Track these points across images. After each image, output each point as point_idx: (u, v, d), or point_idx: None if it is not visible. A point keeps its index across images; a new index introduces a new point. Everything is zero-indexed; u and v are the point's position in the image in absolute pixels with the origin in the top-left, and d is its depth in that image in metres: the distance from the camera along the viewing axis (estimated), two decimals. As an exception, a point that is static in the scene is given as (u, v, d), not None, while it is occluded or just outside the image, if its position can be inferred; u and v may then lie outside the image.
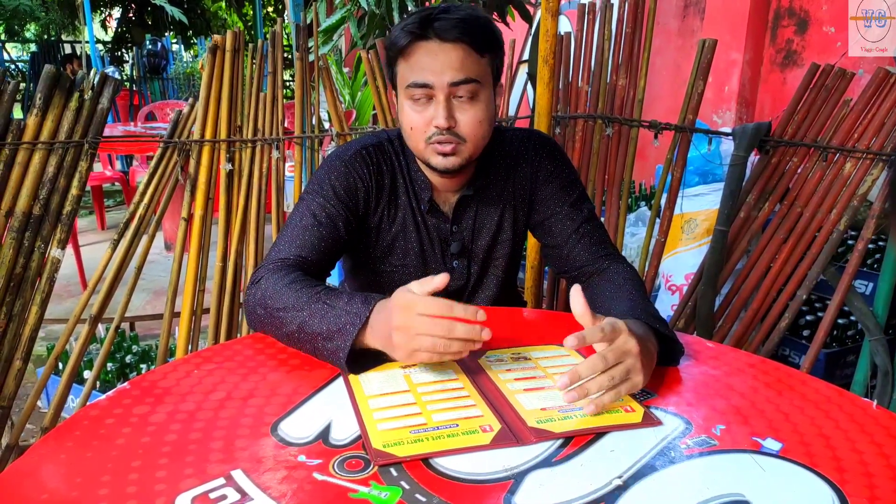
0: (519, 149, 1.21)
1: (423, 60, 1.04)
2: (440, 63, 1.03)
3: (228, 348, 0.96)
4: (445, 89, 1.03)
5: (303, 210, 1.12)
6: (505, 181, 1.20)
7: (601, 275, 1.15)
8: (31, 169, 1.52)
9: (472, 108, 1.06)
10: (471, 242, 1.23)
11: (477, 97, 1.06)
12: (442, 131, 1.05)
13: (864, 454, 0.73)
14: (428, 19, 1.03)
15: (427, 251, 1.21)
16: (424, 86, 1.04)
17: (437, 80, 1.03)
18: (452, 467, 0.68)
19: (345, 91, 4.40)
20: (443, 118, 1.04)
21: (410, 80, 1.05)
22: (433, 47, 1.03)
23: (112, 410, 0.77)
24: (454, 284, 1.24)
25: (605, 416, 0.79)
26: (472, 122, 1.06)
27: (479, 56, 1.05)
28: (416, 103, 1.06)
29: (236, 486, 0.64)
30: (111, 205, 5.66)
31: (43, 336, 1.75)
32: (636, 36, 2.01)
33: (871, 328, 1.86)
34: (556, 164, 1.21)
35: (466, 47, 1.03)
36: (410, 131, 1.09)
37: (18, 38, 10.41)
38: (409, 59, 1.05)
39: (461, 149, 1.07)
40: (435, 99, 1.05)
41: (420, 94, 1.05)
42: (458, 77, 1.03)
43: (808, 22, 3.26)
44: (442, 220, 1.20)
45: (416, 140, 1.09)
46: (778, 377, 0.92)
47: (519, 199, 1.22)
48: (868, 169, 1.79)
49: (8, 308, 1.56)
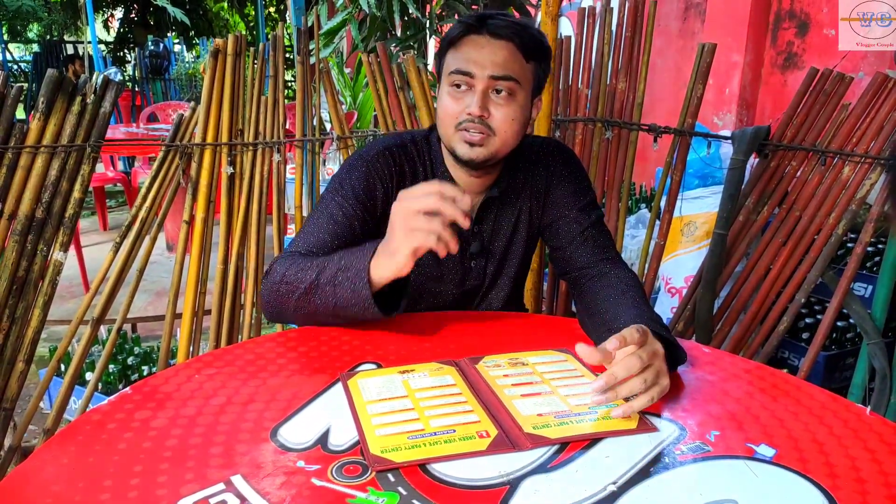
0: (538, 153, 1.24)
1: (471, 51, 1.08)
2: (485, 56, 1.07)
3: (229, 353, 0.97)
4: (485, 81, 1.07)
5: (321, 209, 1.15)
6: (523, 184, 1.24)
7: (602, 279, 1.15)
8: (34, 172, 1.53)
9: (508, 106, 1.09)
10: (489, 243, 1.25)
11: (514, 96, 1.09)
12: (474, 119, 1.08)
13: (856, 460, 0.73)
14: (485, 16, 1.09)
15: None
16: (466, 73, 1.08)
17: (480, 71, 1.07)
18: (449, 473, 0.69)
19: (346, 93, 4.41)
20: (476, 106, 1.07)
21: (454, 67, 1.09)
22: (482, 41, 1.08)
23: (114, 415, 0.78)
24: (471, 283, 1.27)
25: (601, 422, 0.80)
26: (504, 118, 1.09)
27: (525, 60, 1.09)
28: (455, 90, 1.10)
29: (236, 492, 0.65)
30: (113, 205, 5.68)
31: (45, 338, 1.75)
32: (636, 39, 2.02)
33: (869, 331, 1.87)
34: (571, 169, 1.25)
35: (514, 48, 1.08)
36: (443, 115, 1.12)
37: (21, 38, 10.44)
38: (459, 48, 1.10)
39: (490, 141, 1.10)
40: (474, 89, 1.08)
41: (461, 80, 1.08)
42: (500, 72, 1.07)
43: (808, 24, 3.26)
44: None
45: (447, 126, 1.11)
46: (773, 383, 0.92)
47: (534, 202, 1.25)
48: (867, 173, 1.80)
49: (11, 310, 1.57)
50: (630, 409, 0.81)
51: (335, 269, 0.98)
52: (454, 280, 1.25)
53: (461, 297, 1.28)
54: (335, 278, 0.97)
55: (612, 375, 0.81)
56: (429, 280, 1.24)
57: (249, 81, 1.82)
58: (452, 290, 1.26)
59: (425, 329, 1.08)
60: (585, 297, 1.14)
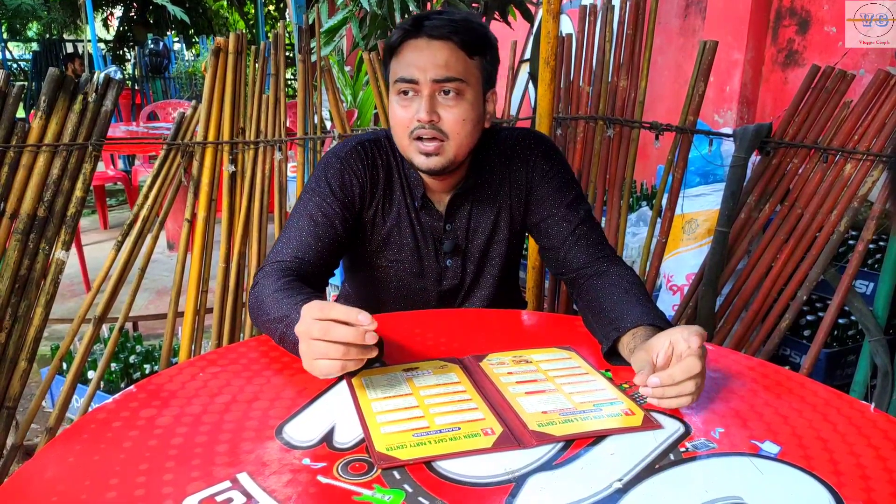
0: (514, 148, 1.21)
1: (411, 56, 1.07)
2: (425, 59, 1.05)
3: (233, 351, 0.97)
4: (430, 85, 1.05)
5: (300, 211, 1.14)
6: (500, 181, 1.21)
7: (602, 277, 1.13)
8: (36, 171, 1.53)
9: (457, 107, 1.07)
10: (465, 242, 1.23)
11: (462, 96, 1.07)
12: (424, 125, 1.06)
13: (861, 457, 0.74)
14: (422, 18, 1.07)
15: (422, 248, 1.22)
16: (410, 81, 1.06)
17: (422, 75, 1.05)
18: (455, 470, 0.69)
19: (347, 91, 4.40)
20: (424, 112, 1.05)
21: (398, 75, 1.07)
22: (421, 44, 1.06)
23: (119, 413, 0.78)
24: (449, 283, 1.25)
25: (606, 419, 0.80)
26: (455, 120, 1.07)
27: (468, 57, 1.07)
28: (402, 98, 1.08)
29: (242, 489, 0.65)
30: (114, 204, 5.68)
31: (47, 336, 1.76)
32: (637, 37, 2.02)
33: (871, 329, 1.87)
34: (552, 163, 1.21)
35: (454, 46, 1.06)
36: (395, 126, 1.10)
37: (20, 37, 10.42)
38: (400, 55, 1.08)
39: (445, 147, 1.08)
40: (420, 94, 1.06)
41: (406, 88, 1.07)
42: (442, 74, 1.05)
43: (809, 22, 3.26)
44: (435, 218, 1.21)
45: (401, 136, 1.10)
46: (777, 380, 0.93)
47: (515, 199, 1.22)
48: (868, 170, 1.79)
49: (13, 309, 1.57)
50: (671, 404, 0.81)
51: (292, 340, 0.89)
52: (432, 278, 1.24)
53: (441, 297, 1.26)
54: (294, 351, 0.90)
55: (671, 377, 0.80)
56: (410, 276, 1.24)
57: (251, 79, 1.82)
58: (432, 289, 1.25)
59: (429, 327, 1.08)
60: (587, 296, 1.12)
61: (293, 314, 0.91)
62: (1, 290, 1.54)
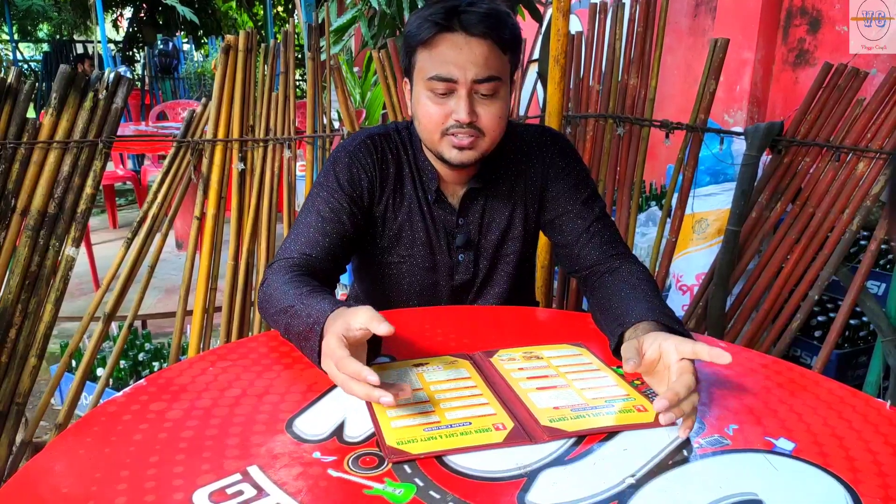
0: (531, 144, 1.20)
1: (448, 54, 1.03)
2: (465, 58, 1.02)
3: (243, 346, 0.97)
4: (469, 85, 1.03)
5: (309, 206, 1.13)
6: (516, 177, 1.20)
7: (613, 274, 1.12)
8: (47, 168, 1.54)
9: (493, 105, 1.06)
10: (479, 237, 1.22)
11: (498, 94, 1.06)
12: (462, 125, 1.04)
13: (878, 454, 0.73)
14: (454, 11, 1.02)
15: (434, 242, 1.20)
16: (448, 80, 1.03)
17: (462, 75, 1.02)
18: (466, 465, 0.68)
19: (355, 90, 4.41)
20: (465, 113, 1.03)
21: (433, 72, 1.03)
22: (459, 41, 1.02)
23: (129, 407, 0.78)
24: (461, 278, 1.23)
25: (618, 415, 0.79)
26: (492, 118, 1.06)
27: (503, 53, 1.05)
28: (435, 95, 1.05)
29: (252, 482, 0.64)
30: (123, 203, 5.71)
31: (56, 334, 1.76)
32: (647, 35, 2.01)
33: (883, 329, 1.85)
34: (568, 160, 1.20)
35: (492, 44, 1.03)
36: (426, 122, 1.07)
37: (31, 37, 10.50)
38: (433, 50, 1.04)
39: (479, 143, 1.07)
40: (457, 93, 1.04)
41: (442, 87, 1.04)
42: (483, 74, 1.03)
43: (820, 21, 3.24)
44: (448, 212, 1.19)
45: (431, 131, 1.08)
46: (791, 377, 0.92)
47: (530, 196, 1.21)
48: (881, 169, 1.78)
49: (23, 306, 1.58)
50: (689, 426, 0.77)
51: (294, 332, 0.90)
52: (444, 272, 1.23)
53: (453, 292, 1.25)
54: (298, 343, 0.91)
55: (675, 394, 0.76)
56: (422, 271, 1.22)
57: (260, 78, 1.82)
58: (444, 284, 1.24)
59: (438, 323, 1.08)
60: (597, 294, 1.10)
61: (297, 305, 0.91)
62: (11, 286, 1.55)
